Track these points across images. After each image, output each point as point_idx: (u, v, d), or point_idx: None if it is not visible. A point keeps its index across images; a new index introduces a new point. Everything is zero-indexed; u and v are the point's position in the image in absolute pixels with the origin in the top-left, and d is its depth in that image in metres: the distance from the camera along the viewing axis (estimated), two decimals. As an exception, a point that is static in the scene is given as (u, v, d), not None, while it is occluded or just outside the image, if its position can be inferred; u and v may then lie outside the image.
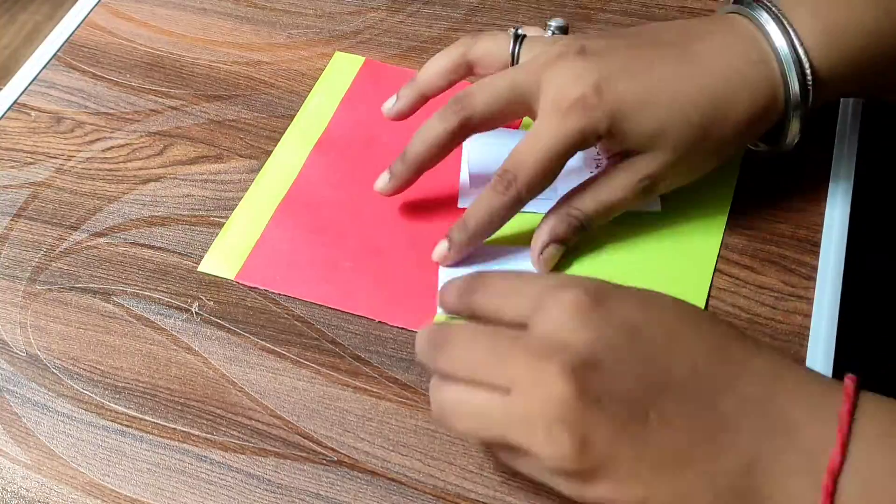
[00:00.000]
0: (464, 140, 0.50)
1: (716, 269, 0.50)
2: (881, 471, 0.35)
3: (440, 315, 0.47)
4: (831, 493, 0.34)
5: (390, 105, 0.53)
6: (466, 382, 0.39)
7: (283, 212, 0.53)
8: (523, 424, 0.37)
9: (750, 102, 0.47)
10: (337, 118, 0.58)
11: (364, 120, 0.57)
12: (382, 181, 0.51)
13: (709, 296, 0.49)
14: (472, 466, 0.43)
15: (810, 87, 0.47)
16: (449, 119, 0.48)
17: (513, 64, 0.51)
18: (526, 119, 0.54)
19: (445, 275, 0.49)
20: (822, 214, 0.52)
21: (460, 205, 0.53)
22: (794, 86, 0.46)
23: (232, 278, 0.51)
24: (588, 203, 0.49)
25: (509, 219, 0.49)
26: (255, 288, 0.50)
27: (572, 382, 0.36)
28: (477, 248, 0.50)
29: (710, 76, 0.46)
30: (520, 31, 0.51)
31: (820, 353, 0.46)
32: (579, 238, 0.49)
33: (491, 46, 0.51)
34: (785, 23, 0.46)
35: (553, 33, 0.53)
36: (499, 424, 0.38)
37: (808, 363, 0.46)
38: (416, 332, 0.47)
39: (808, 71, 0.46)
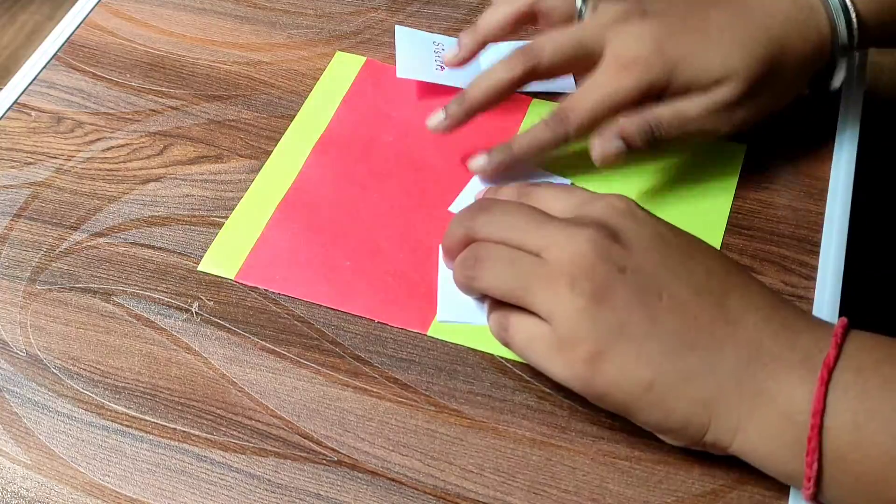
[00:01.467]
0: (522, 86, 0.51)
1: (716, 269, 0.50)
2: (869, 368, 0.37)
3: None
4: (826, 382, 0.37)
5: (453, 53, 0.55)
6: (501, 242, 0.43)
7: (283, 212, 0.53)
8: (549, 277, 0.40)
9: (802, 43, 0.49)
10: (337, 118, 0.58)
11: (365, 120, 0.57)
12: (436, 119, 0.53)
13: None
14: (472, 466, 0.43)
15: (856, 33, 0.50)
16: (514, 67, 0.50)
17: (578, 20, 0.53)
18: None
19: (445, 274, 0.49)
20: (822, 214, 0.52)
21: (451, 208, 0.53)
22: (842, 30, 0.50)
23: (232, 278, 0.51)
24: (665, 112, 0.50)
25: (548, 151, 0.51)
26: (255, 288, 0.50)
27: (600, 248, 0.40)
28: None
29: (766, 18, 0.49)
30: None
31: (820, 352, 0.46)
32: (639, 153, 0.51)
33: (558, 1, 0.54)
34: None
35: None
36: (525, 276, 0.41)
37: (809, 363, 0.46)
38: (415, 332, 0.47)
39: (854, 17, 0.49)
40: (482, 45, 0.55)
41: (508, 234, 0.43)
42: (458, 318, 0.48)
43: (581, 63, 0.50)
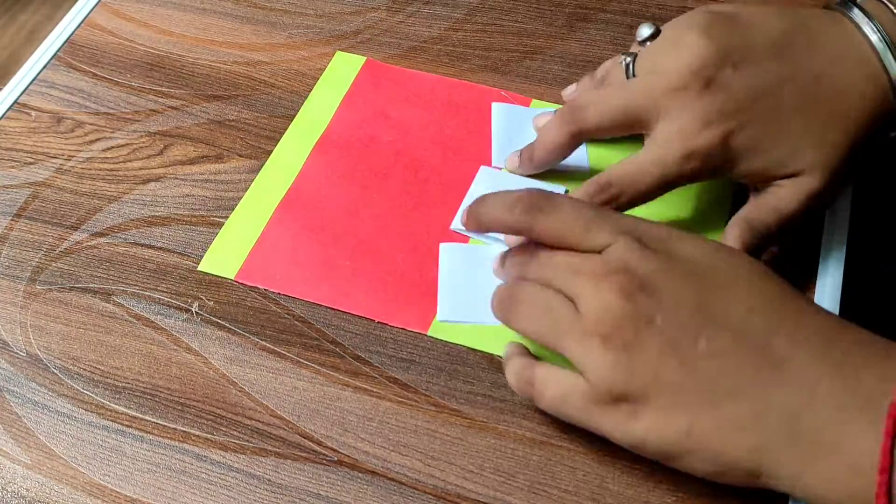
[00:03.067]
0: (575, 148, 0.50)
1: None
2: None
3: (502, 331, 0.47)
4: (892, 436, 0.34)
5: (514, 164, 0.54)
6: (539, 283, 0.42)
7: (283, 211, 0.53)
8: (582, 331, 0.39)
9: (876, 114, 0.46)
10: (337, 118, 0.58)
11: (365, 120, 0.57)
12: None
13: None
14: (472, 466, 0.43)
15: None
16: (561, 130, 0.49)
17: (627, 75, 0.50)
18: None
19: (445, 274, 0.49)
20: (823, 214, 0.52)
21: (452, 226, 0.52)
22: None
23: (232, 278, 0.51)
24: (766, 214, 0.47)
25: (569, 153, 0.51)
26: (255, 288, 0.50)
27: (629, 301, 0.38)
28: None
29: (840, 102, 0.45)
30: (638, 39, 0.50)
31: (820, 353, 0.46)
32: None
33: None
34: (869, 17, 0.46)
35: (645, 42, 0.50)
36: (558, 327, 0.40)
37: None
38: (415, 332, 0.47)
39: None
40: (539, 170, 0.53)
41: (544, 278, 0.42)
42: (458, 317, 0.48)
43: (631, 128, 0.48)
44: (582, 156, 0.54)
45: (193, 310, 0.50)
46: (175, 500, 0.43)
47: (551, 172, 0.53)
